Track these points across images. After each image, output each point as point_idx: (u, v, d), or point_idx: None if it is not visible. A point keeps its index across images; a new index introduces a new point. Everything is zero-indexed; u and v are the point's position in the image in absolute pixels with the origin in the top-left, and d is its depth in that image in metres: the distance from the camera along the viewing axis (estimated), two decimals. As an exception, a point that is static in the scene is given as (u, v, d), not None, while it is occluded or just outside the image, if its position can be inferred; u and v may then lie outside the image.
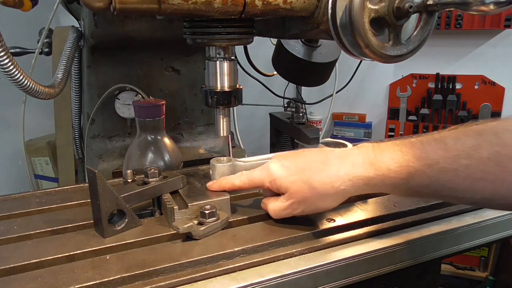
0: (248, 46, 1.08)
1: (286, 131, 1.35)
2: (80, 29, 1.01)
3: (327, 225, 0.65)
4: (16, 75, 0.67)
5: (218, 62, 0.72)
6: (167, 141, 0.88)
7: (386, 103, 2.27)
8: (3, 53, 0.64)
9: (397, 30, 0.61)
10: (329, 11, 0.60)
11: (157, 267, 0.54)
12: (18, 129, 1.32)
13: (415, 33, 0.62)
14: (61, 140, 1.22)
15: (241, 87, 0.75)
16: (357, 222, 0.67)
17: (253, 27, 0.71)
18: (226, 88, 0.73)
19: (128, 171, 0.71)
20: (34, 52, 1.12)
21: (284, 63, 1.06)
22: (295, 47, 1.00)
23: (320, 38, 0.98)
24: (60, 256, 0.56)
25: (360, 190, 0.60)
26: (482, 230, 0.72)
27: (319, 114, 2.26)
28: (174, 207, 0.63)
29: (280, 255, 0.59)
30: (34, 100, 0.80)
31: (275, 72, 1.14)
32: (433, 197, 0.58)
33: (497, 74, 2.06)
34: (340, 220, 0.67)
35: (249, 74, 1.24)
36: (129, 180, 0.70)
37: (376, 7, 0.58)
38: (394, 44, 0.61)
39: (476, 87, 2.10)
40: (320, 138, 1.16)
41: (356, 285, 0.62)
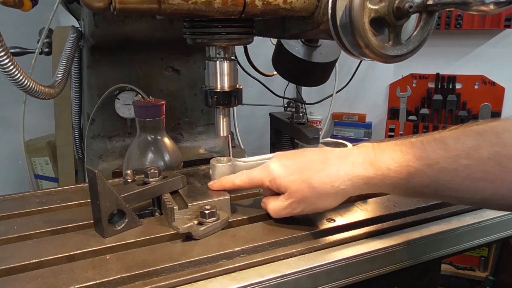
0: (248, 46, 1.08)
1: (286, 131, 1.35)
2: (80, 29, 1.01)
3: (327, 225, 0.65)
4: (16, 75, 0.67)
5: (218, 62, 0.72)
6: (167, 141, 0.88)
7: (386, 103, 2.27)
8: (3, 53, 0.64)
9: (397, 30, 0.61)
10: (329, 11, 0.60)
11: (157, 267, 0.54)
12: (18, 129, 1.33)
13: (415, 33, 0.62)
14: (61, 140, 1.22)
15: (241, 87, 0.75)
16: (357, 222, 0.67)
17: (253, 27, 0.72)
18: (226, 88, 0.73)
19: (128, 171, 0.71)
20: (34, 52, 1.12)
21: (284, 63, 1.06)
22: (295, 47, 1.00)
23: (320, 38, 0.98)
24: (60, 256, 0.56)
25: (360, 190, 0.60)
26: (482, 230, 0.72)
27: (319, 114, 2.26)
28: (174, 207, 0.63)
29: (280, 255, 0.59)
30: (34, 100, 0.81)
31: (275, 72, 1.14)
32: (433, 197, 0.58)
33: (497, 74, 2.06)
34: (340, 220, 0.67)
35: (249, 74, 1.24)
36: (129, 180, 0.70)
37: (376, 7, 0.58)
38: (394, 44, 0.61)
39: (476, 87, 2.10)
40: (320, 138, 1.16)
41: (356, 285, 0.62)
